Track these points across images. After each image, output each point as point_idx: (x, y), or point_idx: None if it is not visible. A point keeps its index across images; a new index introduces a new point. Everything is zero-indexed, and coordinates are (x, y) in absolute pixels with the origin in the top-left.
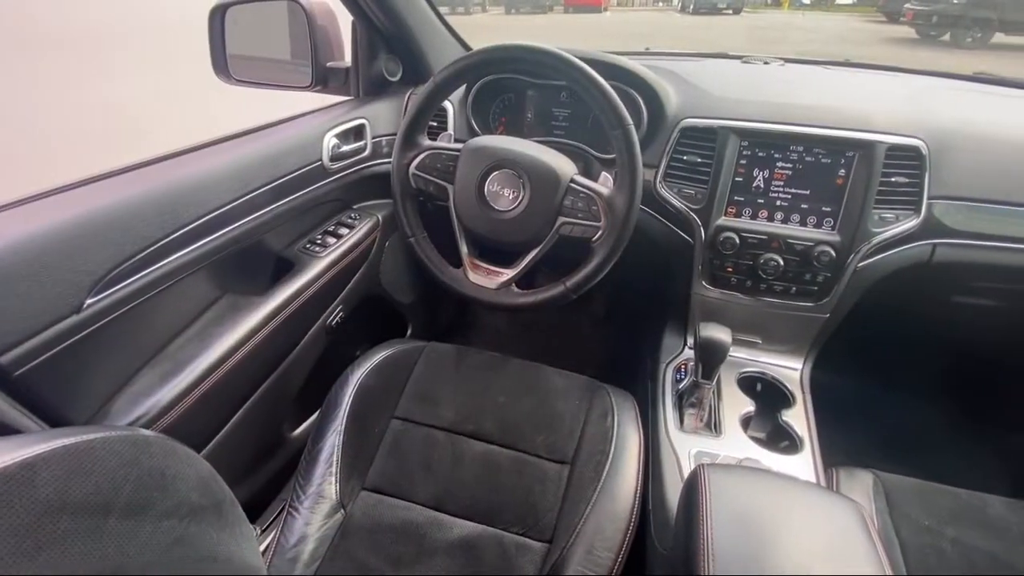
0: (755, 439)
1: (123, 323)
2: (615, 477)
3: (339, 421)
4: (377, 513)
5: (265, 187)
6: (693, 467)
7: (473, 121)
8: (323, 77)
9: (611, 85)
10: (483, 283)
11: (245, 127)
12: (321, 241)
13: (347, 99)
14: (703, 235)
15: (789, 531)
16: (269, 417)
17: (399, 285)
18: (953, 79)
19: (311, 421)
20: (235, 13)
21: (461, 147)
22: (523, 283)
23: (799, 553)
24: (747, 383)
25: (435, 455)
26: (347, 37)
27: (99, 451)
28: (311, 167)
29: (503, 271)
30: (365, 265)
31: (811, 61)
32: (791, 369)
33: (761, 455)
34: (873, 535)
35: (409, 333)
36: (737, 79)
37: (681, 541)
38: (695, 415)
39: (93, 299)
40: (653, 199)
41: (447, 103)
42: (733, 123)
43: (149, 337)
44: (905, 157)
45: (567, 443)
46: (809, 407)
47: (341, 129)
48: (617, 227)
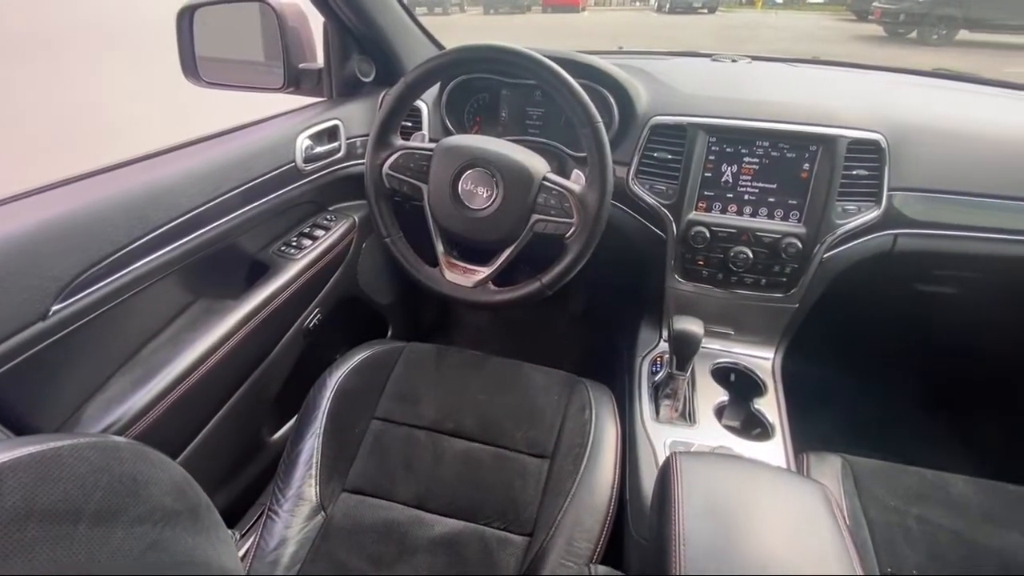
0: (729, 428)
1: (92, 329)
2: (593, 469)
3: (318, 423)
4: (358, 514)
5: (237, 189)
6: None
7: (447, 121)
8: (296, 78)
9: (582, 84)
10: (459, 281)
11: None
12: (296, 243)
13: (320, 100)
14: (675, 230)
15: (757, 514)
16: (247, 421)
17: (377, 286)
18: (913, 75)
19: (290, 425)
20: (204, 15)
21: (434, 146)
22: (500, 280)
23: (766, 535)
24: (721, 374)
25: (416, 454)
26: (319, 38)
27: (67, 458)
28: (284, 169)
29: (479, 269)
30: (342, 267)
31: (778, 59)
32: (763, 359)
33: (734, 443)
34: (837, 515)
35: (390, 334)
36: (706, 77)
37: (655, 527)
38: (670, 406)
39: (60, 305)
40: (626, 196)
41: (421, 103)
42: (701, 120)
43: (120, 343)
44: (865, 151)
45: (547, 438)
46: (780, 395)
47: (314, 130)
48: (589, 223)
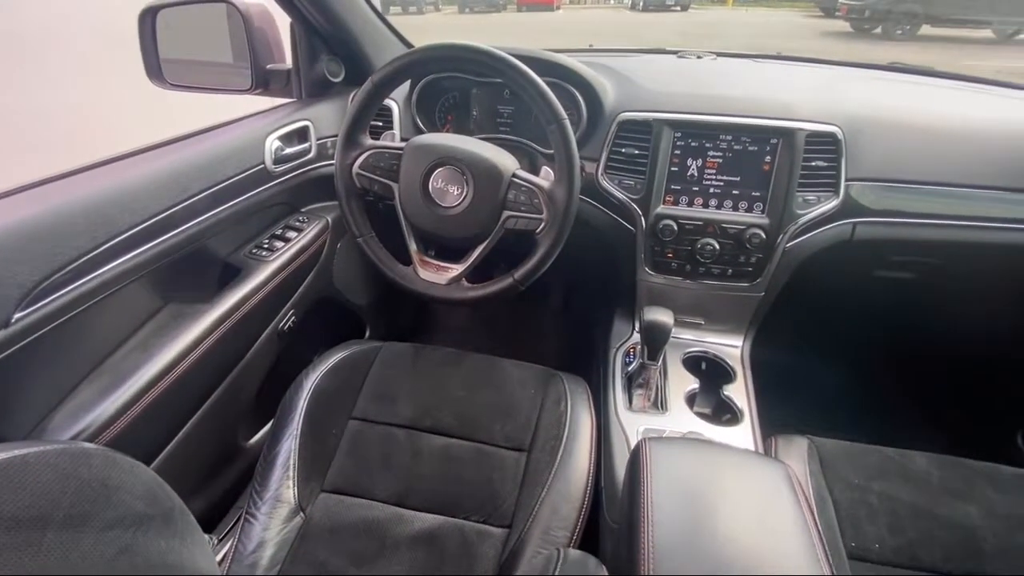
0: (700, 414)
1: (58, 336)
2: (569, 459)
3: (294, 425)
4: (337, 513)
5: (205, 192)
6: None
7: (418, 120)
8: (264, 80)
9: (550, 82)
10: (433, 279)
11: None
12: (268, 245)
13: (290, 101)
14: (644, 224)
15: (722, 494)
16: (222, 426)
17: (353, 287)
18: (870, 69)
19: (268, 428)
20: (167, 16)
21: (404, 145)
22: (478, 277)
23: (731, 514)
24: (692, 362)
25: (394, 452)
26: (287, 39)
27: (34, 465)
28: (253, 170)
29: (452, 267)
30: (316, 268)
31: (742, 55)
32: (732, 347)
33: (704, 428)
34: (799, 493)
35: (367, 335)
36: (671, 74)
37: (625, 511)
38: (643, 395)
39: (22, 313)
40: (596, 191)
41: (391, 102)
42: (666, 116)
43: (87, 350)
44: (823, 143)
45: (524, 431)
46: (749, 381)
47: (284, 131)
48: (559, 218)
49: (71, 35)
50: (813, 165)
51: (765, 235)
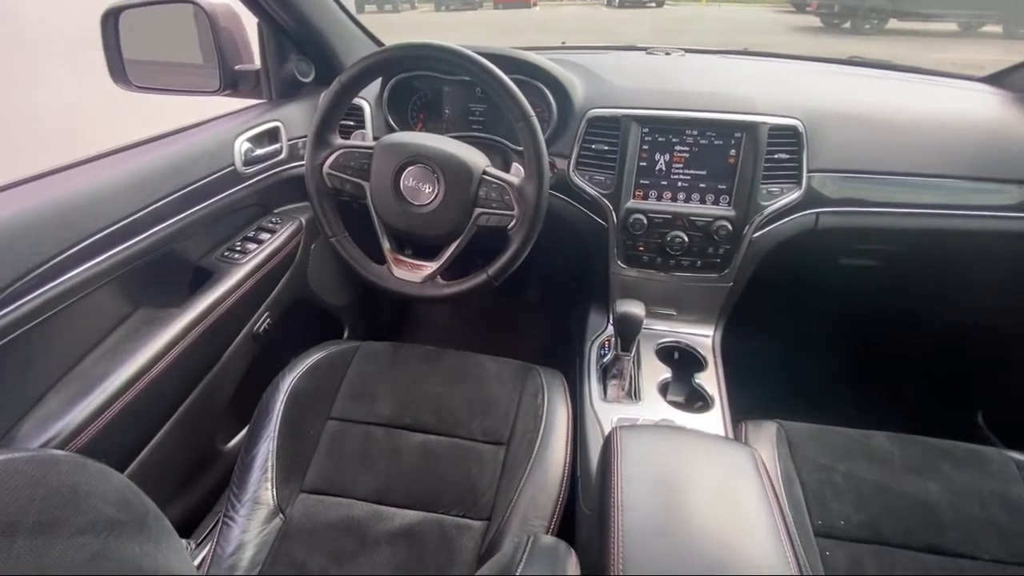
0: (673, 403)
1: (24, 344)
2: (545, 451)
3: (272, 427)
4: (317, 513)
5: (172, 195)
6: None
7: (390, 119)
8: (232, 80)
9: (519, 80)
10: (408, 277)
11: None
12: (241, 248)
13: (260, 102)
14: (615, 218)
15: (690, 478)
16: (198, 430)
17: (330, 288)
18: (831, 63)
19: (246, 432)
20: (134, 17)
21: (374, 145)
22: (455, 275)
23: (698, 497)
24: (665, 353)
25: (373, 451)
26: (255, 39)
27: (1, 472)
28: (223, 172)
29: (427, 264)
30: (291, 269)
31: (709, 51)
32: (703, 336)
33: (676, 416)
34: (763, 474)
35: (346, 335)
36: (640, 70)
37: (597, 497)
38: (617, 385)
39: None
40: (568, 187)
41: (363, 102)
42: (634, 111)
43: (56, 357)
44: (785, 136)
45: (502, 425)
46: (720, 369)
47: (254, 132)
48: (530, 214)
49: (61, 35)
50: (776, 157)
51: (732, 226)
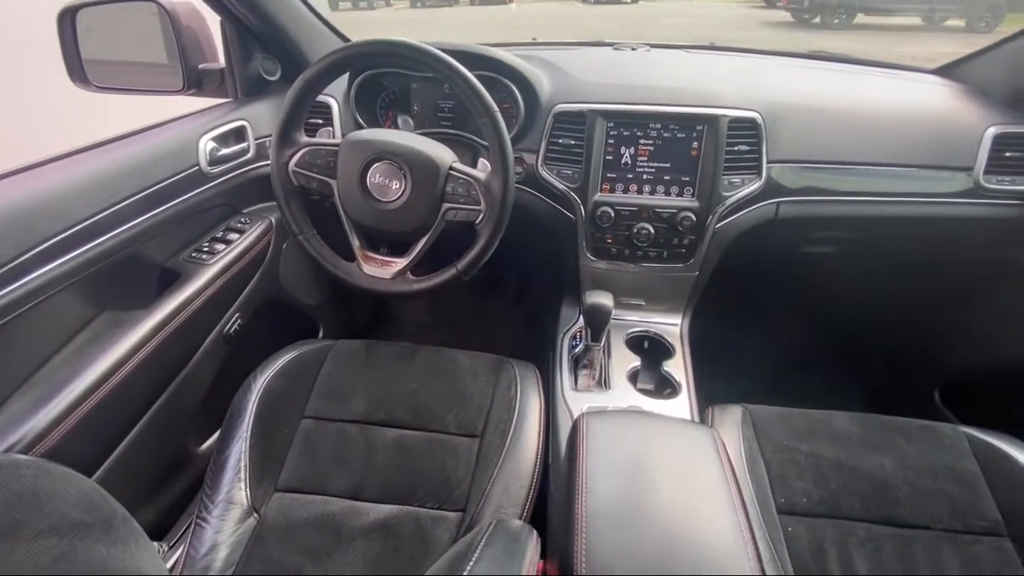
0: (644, 390)
1: None
2: (518, 441)
3: (244, 427)
4: (292, 511)
5: (135, 196)
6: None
7: (358, 116)
8: (196, 80)
9: (486, 76)
10: (378, 274)
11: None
12: (209, 248)
13: (226, 101)
14: (583, 211)
15: (651, 458)
16: (169, 433)
17: (302, 287)
18: (792, 57)
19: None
20: (90, 16)
21: (340, 142)
22: (427, 271)
23: (659, 477)
24: (635, 342)
25: (348, 447)
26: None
27: None
28: (187, 172)
29: (397, 260)
30: (261, 269)
31: (675, 46)
32: (672, 325)
33: (644, 402)
34: (721, 452)
35: (321, 335)
36: (605, 65)
37: (564, 482)
38: (588, 375)
39: None
40: (537, 182)
41: (330, 100)
42: (599, 106)
43: (18, 361)
44: (745, 128)
45: (476, 418)
46: (687, 356)
47: (219, 132)
48: (496, 208)
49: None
50: (736, 149)
51: (696, 217)
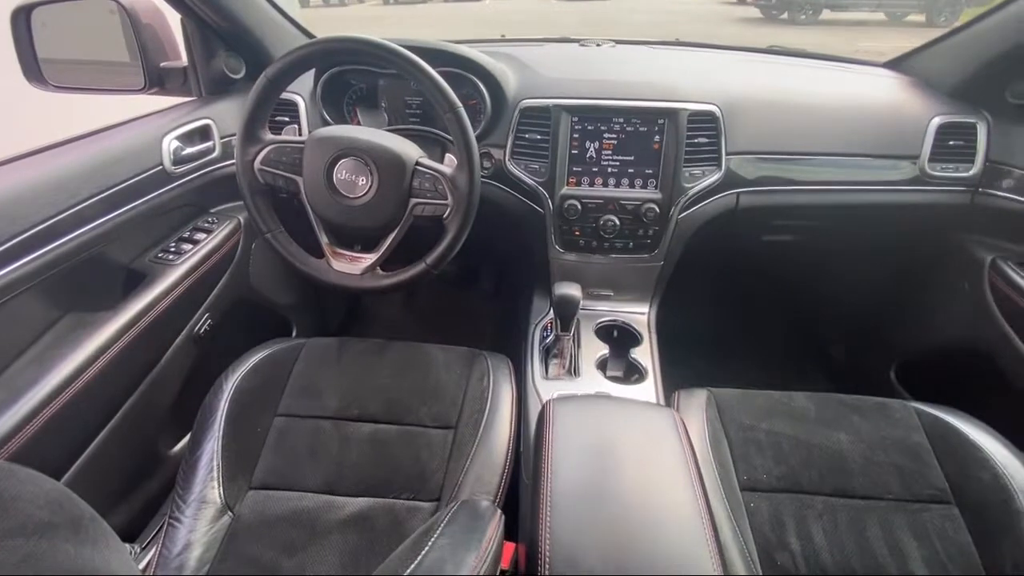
0: (612, 377)
1: None
2: (490, 431)
3: (216, 427)
4: (267, 508)
5: (96, 197)
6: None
7: (325, 113)
8: (158, 78)
9: (452, 72)
10: (347, 270)
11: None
12: (175, 249)
13: (190, 100)
14: (551, 205)
15: (615, 441)
16: (139, 435)
17: (273, 286)
18: (751, 52)
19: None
20: (46, 14)
21: (305, 139)
22: (397, 266)
23: (622, 457)
24: (604, 331)
25: (322, 443)
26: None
27: None
28: (151, 172)
29: (366, 256)
30: (230, 269)
31: (639, 42)
32: (639, 313)
33: (612, 388)
34: (680, 432)
35: (295, 333)
36: (571, 61)
37: (532, 466)
38: (558, 364)
39: None
40: (505, 176)
41: (296, 97)
42: (563, 101)
43: None
44: (704, 121)
45: (450, 410)
46: (654, 343)
47: (183, 131)
48: (463, 202)
49: None
50: (696, 142)
51: (659, 209)
